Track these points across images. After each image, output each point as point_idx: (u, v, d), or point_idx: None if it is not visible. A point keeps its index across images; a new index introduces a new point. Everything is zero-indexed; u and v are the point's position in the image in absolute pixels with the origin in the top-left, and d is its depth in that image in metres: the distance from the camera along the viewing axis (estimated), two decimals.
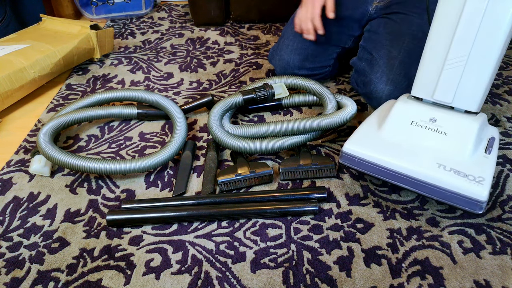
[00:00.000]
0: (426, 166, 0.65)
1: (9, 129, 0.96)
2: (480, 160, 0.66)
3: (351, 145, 0.71)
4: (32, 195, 0.76)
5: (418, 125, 0.70)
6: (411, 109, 0.71)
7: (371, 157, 0.69)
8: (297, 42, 0.99)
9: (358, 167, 0.71)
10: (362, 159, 0.69)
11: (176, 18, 1.52)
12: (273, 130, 0.81)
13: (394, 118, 0.72)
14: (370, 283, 0.60)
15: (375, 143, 0.70)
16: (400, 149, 0.68)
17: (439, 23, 0.66)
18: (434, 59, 0.68)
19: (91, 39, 1.16)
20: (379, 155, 0.68)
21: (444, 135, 0.68)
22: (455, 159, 0.65)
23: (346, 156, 0.71)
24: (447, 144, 0.67)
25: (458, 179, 0.62)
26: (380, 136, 0.72)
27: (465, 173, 0.63)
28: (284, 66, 1.01)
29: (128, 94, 0.93)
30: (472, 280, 0.60)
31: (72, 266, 0.63)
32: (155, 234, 0.68)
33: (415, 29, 0.89)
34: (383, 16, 0.96)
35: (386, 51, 0.89)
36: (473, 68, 0.64)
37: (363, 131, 0.74)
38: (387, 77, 0.87)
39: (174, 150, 0.80)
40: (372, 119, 0.77)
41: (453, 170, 0.64)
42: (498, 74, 1.11)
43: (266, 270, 0.62)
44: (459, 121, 0.68)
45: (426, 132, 0.69)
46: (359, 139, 0.72)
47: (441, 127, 0.68)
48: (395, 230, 0.68)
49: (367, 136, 0.72)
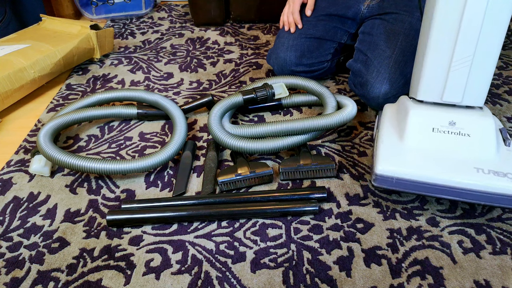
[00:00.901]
0: (466, 173, 0.64)
1: (9, 129, 0.96)
2: (506, 154, 0.66)
3: (384, 166, 0.66)
4: (32, 195, 0.76)
5: (441, 131, 0.68)
6: (427, 115, 0.70)
7: (409, 174, 0.65)
8: (292, 40, 1.00)
9: (396, 188, 0.66)
10: (400, 179, 0.66)
11: (176, 18, 1.52)
12: (273, 130, 0.81)
13: (414, 129, 0.69)
14: (370, 283, 0.60)
15: (405, 157, 0.67)
16: (434, 161, 0.66)
17: (439, 26, 0.65)
18: (439, 62, 0.68)
19: (91, 39, 1.16)
20: (416, 170, 0.65)
21: (468, 136, 0.67)
22: (487, 159, 0.65)
23: (381, 179, 0.66)
24: (474, 146, 0.67)
25: (500, 181, 0.62)
26: (407, 149, 0.68)
27: (503, 173, 0.63)
28: (281, 64, 1.01)
29: (128, 94, 0.93)
30: (472, 280, 0.60)
31: (72, 266, 0.63)
32: (155, 234, 0.68)
33: (407, 27, 0.91)
34: (376, 16, 0.97)
35: (381, 51, 0.90)
36: (479, 65, 0.65)
37: (386, 147, 0.69)
38: (383, 76, 0.88)
39: (174, 150, 0.80)
40: (388, 131, 0.72)
41: (492, 172, 0.64)
42: (498, 74, 1.11)
43: (266, 270, 0.62)
44: (476, 120, 0.68)
45: (451, 138, 0.68)
46: (388, 157, 0.67)
47: (463, 129, 0.68)
48: (395, 230, 0.68)
49: (393, 151, 0.68)
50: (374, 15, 0.98)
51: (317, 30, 1.00)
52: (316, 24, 1.01)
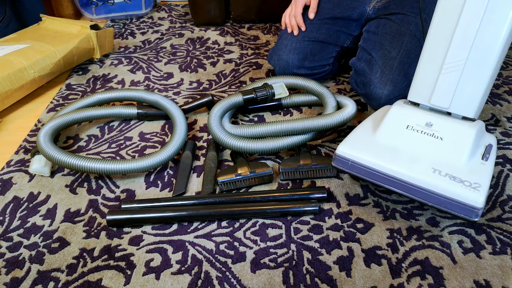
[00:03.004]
0: (421, 170, 0.63)
1: (9, 129, 0.96)
2: (477, 166, 0.64)
3: (344, 148, 0.69)
4: (32, 195, 0.76)
5: (414, 130, 0.68)
6: (407, 113, 0.70)
7: (364, 160, 0.67)
8: (295, 42, 1.00)
9: (351, 170, 0.69)
10: (355, 162, 0.68)
11: (176, 18, 1.52)
12: (273, 130, 0.81)
13: (389, 122, 0.70)
14: (370, 283, 0.60)
15: (369, 146, 0.69)
16: (394, 153, 0.67)
17: (437, 26, 0.65)
18: (431, 63, 0.67)
19: (91, 39, 1.16)
20: (373, 158, 0.67)
21: (440, 140, 0.66)
22: (451, 164, 0.64)
23: (339, 159, 0.70)
24: (443, 150, 0.66)
25: (453, 185, 0.61)
26: (375, 140, 0.70)
27: (461, 179, 0.62)
28: (283, 66, 1.01)
29: (128, 94, 0.93)
30: (472, 280, 0.60)
31: (72, 266, 0.63)
32: (155, 234, 0.68)
33: (413, 28, 0.89)
34: (381, 16, 0.96)
35: (385, 51, 0.90)
36: (471, 72, 0.63)
37: (357, 134, 0.72)
38: (387, 77, 0.87)
39: (174, 150, 0.80)
40: (367, 123, 0.75)
41: (449, 176, 0.62)
42: (498, 74, 1.11)
43: (266, 270, 0.62)
44: (456, 127, 0.66)
45: (422, 137, 0.67)
46: (353, 142, 0.70)
47: (438, 132, 0.67)
48: (395, 230, 0.68)
49: (361, 139, 0.71)
50: (379, 16, 0.97)
51: (320, 34, 1.00)
52: (320, 27, 1.00)
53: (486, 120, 0.93)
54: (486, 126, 0.91)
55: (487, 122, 0.92)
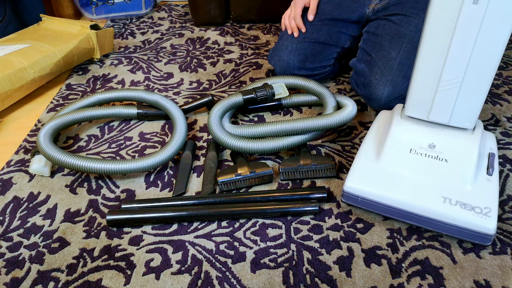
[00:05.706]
0: (432, 201, 0.63)
1: (9, 129, 0.96)
2: (484, 185, 0.64)
3: (351, 183, 0.67)
4: (32, 195, 0.76)
5: (418, 153, 0.67)
6: (408, 134, 0.69)
7: (375, 195, 0.66)
8: (296, 43, 1.00)
9: (362, 206, 0.68)
10: (365, 198, 0.67)
11: (176, 18, 1.52)
12: (273, 130, 0.81)
13: (391, 146, 0.69)
14: (370, 283, 0.60)
15: (376, 177, 0.67)
16: (403, 184, 0.66)
17: (429, 43, 0.62)
18: (427, 81, 0.65)
19: (91, 39, 1.16)
20: (383, 192, 0.65)
21: (445, 162, 0.66)
22: (459, 188, 0.64)
23: (348, 196, 0.68)
24: (450, 173, 0.65)
25: (465, 213, 0.61)
26: (380, 168, 0.68)
27: (471, 206, 0.62)
28: (284, 67, 1.01)
29: (128, 94, 0.93)
30: (472, 280, 0.60)
31: (72, 266, 0.63)
32: (155, 234, 0.68)
33: (413, 29, 0.89)
34: (381, 17, 0.96)
35: (385, 52, 0.90)
36: (469, 88, 0.62)
37: (361, 163, 0.70)
38: (386, 78, 0.87)
39: (174, 150, 0.80)
40: (369, 144, 0.73)
41: (459, 204, 0.62)
42: (498, 74, 1.11)
43: (266, 270, 0.62)
44: (458, 144, 0.65)
45: (427, 161, 0.66)
46: (359, 174, 0.69)
47: (441, 154, 0.66)
48: (395, 230, 0.68)
49: (366, 169, 0.69)
50: (379, 17, 0.97)
51: (321, 35, 0.99)
52: (320, 28, 1.00)
53: (486, 120, 0.93)
54: (486, 126, 0.91)
55: (487, 122, 0.92)
